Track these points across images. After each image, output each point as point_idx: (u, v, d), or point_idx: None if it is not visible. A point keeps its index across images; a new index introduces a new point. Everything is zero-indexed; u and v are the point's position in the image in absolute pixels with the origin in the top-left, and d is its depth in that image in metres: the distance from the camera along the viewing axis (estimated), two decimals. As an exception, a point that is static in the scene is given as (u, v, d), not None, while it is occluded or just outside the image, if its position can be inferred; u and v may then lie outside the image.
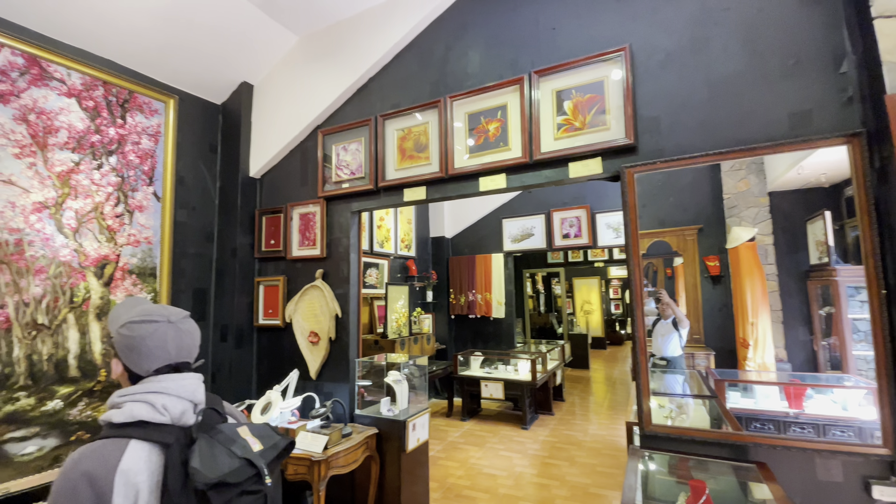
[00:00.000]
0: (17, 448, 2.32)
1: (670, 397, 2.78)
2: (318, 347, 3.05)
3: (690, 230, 3.53)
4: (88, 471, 0.79)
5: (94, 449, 0.83)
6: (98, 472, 0.79)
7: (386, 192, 2.89)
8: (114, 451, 0.82)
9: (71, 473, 0.79)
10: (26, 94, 2.44)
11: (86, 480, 0.78)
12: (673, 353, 3.14)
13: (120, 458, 0.81)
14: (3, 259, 2.32)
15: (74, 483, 0.78)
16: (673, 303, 3.27)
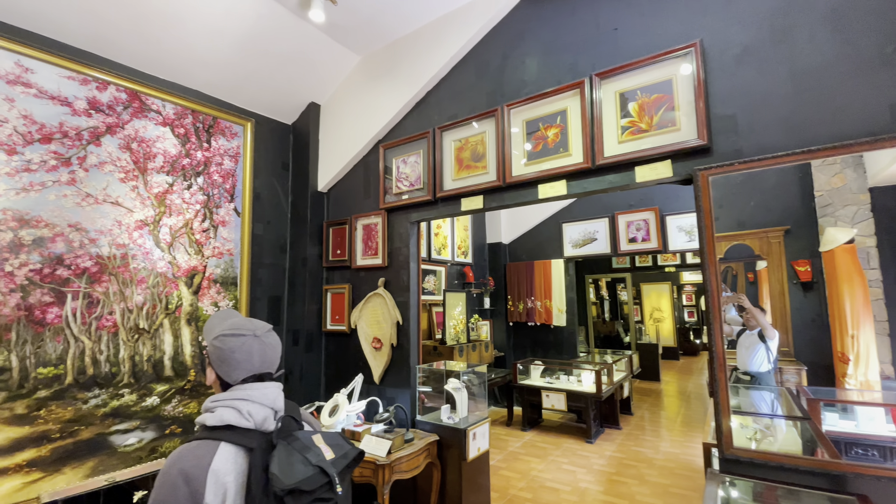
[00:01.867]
0: (120, 439, 2.63)
1: (755, 417, 2.54)
2: (381, 353, 3.15)
3: (775, 232, 3.22)
4: (185, 469, 0.87)
5: (191, 449, 0.91)
6: (193, 471, 0.87)
7: (443, 202, 2.93)
8: (207, 452, 0.90)
9: (171, 470, 0.88)
10: (129, 126, 2.77)
11: (182, 478, 0.86)
12: (759, 368, 2.87)
13: (212, 458, 0.89)
14: (112, 271, 2.64)
15: (174, 479, 0.87)
16: (758, 311, 2.98)
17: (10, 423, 2.24)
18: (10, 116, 2.31)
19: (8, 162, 2.29)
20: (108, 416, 2.58)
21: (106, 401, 2.58)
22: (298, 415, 1.11)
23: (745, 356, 2.92)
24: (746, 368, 2.90)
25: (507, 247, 6.47)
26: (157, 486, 0.88)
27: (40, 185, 2.38)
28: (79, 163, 2.53)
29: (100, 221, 2.60)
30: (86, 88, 2.59)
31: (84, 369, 2.50)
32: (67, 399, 2.44)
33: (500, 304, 6.29)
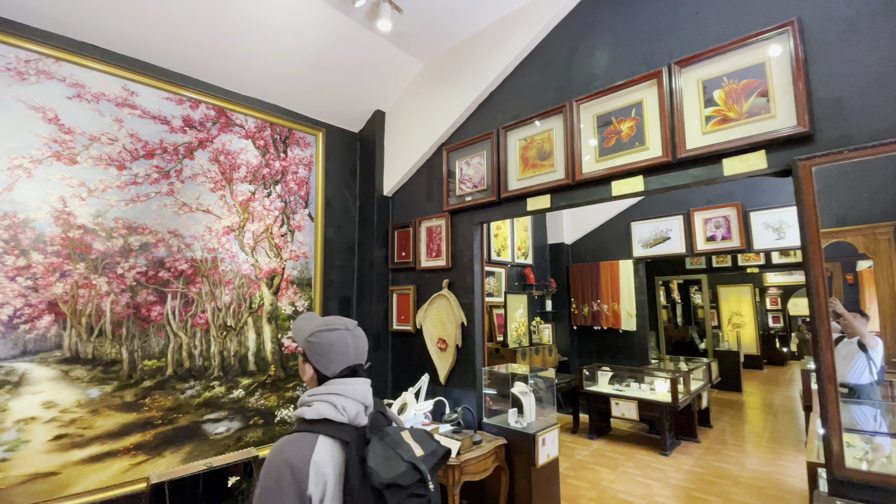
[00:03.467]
0: (211, 428, 2.86)
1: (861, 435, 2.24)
2: (446, 354, 3.17)
3: (885, 227, 2.84)
4: (289, 459, 0.92)
5: (293, 441, 0.97)
6: (296, 462, 0.92)
7: (508, 202, 2.90)
8: (308, 444, 0.95)
9: (276, 460, 0.94)
10: (217, 140, 3.02)
11: (287, 468, 0.91)
12: (859, 380, 2.54)
13: (312, 450, 0.94)
14: (204, 273, 2.89)
15: (279, 469, 0.92)
16: (858, 317, 2.64)
17: (121, 409, 2.52)
18: (119, 135, 2.60)
19: (119, 176, 2.58)
20: (201, 406, 2.82)
21: (199, 392, 2.82)
22: (386, 411, 1.14)
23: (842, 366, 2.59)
24: (844, 380, 2.58)
25: (570, 247, 6.27)
26: (264, 475, 0.94)
27: (145, 196, 2.66)
28: (176, 175, 2.80)
29: (193, 228, 2.85)
30: (181, 108, 2.86)
31: (181, 362, 2.76)
32: (168, 389, 2.69)
33: (563, 306, 6.11)
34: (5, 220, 2.21)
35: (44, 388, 2.29)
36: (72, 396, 2.36)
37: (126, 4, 2.43)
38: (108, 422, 2.46)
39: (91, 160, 2.48)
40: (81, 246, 2.43)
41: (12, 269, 2.22)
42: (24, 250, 2.26)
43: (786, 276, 10.44)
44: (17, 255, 2.24)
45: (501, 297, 5.23)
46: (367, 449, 0.94)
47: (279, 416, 3.18)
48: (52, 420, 2.29)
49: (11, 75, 2.27)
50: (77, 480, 2.33)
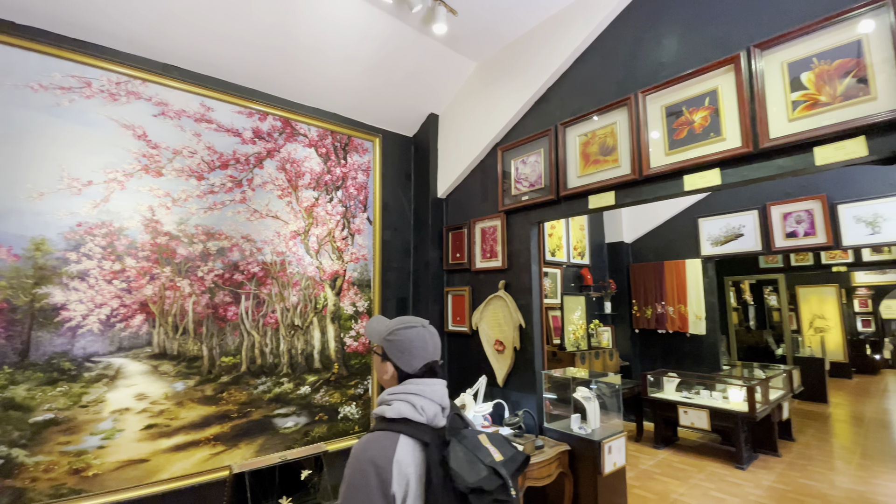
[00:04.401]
0: (281, 422, 3.00)
1: None
2: (504, 356, 3.13)
3: None
4: (373, 458, 0.94)
5: (376, 439, 0.98)
6: (380, 460, 0.93)
7: (568, 200, 2.82)
8: (390, 443, 0.96)
9: (361, 458, 0.95)
10: (284, 149, 3.18)
11: (372, 466, 0.93)
12: None
13: (394, 449, 0.94)
14: (274, 275, 3.05)
15: (364, 466, 0.93)
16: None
17: (202, 402, 2.71)
18: (198, 148, 2.81)
19: (198, 186, 2.78)
20: (272, 401, 2.97)
21: (270, 387, 2.97)
22: (462, 413, 1.14)
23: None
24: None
25: (630, 246, 6.00)
26: (349, 472, 0.96)
27: (221, 204, 2.85)
28: (248, 184, 2.97)
29: (264, 233, 3.02)
30: (251, 120, 3.04)
31: (254, 359, 2.92)
32: (242, 384, 2.86)
33: (624, 308, 5.86)
34: (103, 228, 2.45)
35: (136, 381, 2.51)
36: (160, 389, 2.57)
37: (203, 27, 2.62)
38: (191, 413, 2.66)
39: (174, 172, 2.70)
40: (167, 251, 2.64)
41: (109, 273, 2.46)
42: (119, 256, 2.49)
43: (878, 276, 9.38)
44: (114, 260, 2.47)
45: (557, 299, 5.10)
46: (447, 451, 0.93)
47: (342, 412, 3.29)
48: (143, 411, 2.51)
49: (105, 97, 2.52)
50: (164, 467, 2.53)
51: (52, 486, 2.21)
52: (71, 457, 2.27)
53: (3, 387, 2.15)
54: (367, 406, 3.44)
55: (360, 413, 3.39)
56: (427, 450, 0.95)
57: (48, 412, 2.24)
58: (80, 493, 2.28)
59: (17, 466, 2.14)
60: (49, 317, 2.28)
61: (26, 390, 2.20)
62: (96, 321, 2.40)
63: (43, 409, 2.23)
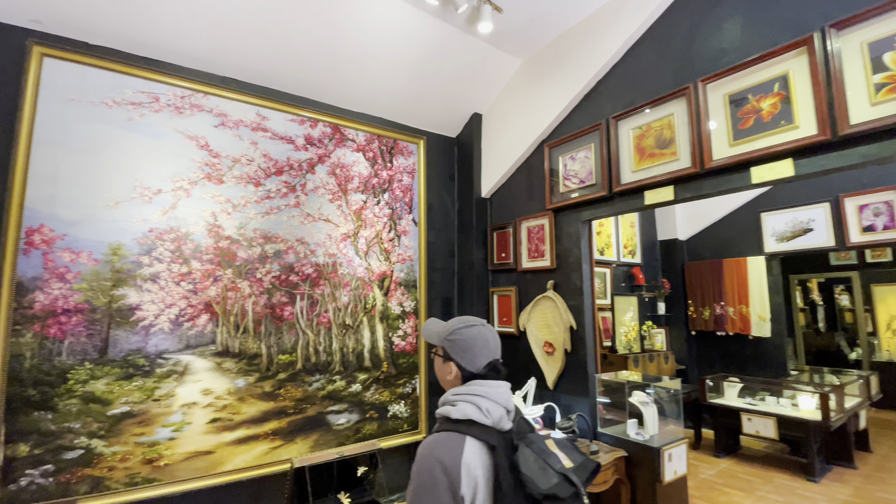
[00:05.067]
0: (334, 419, 3.08)
1: None
2: (554, 358, 3.06)
3: None
4: (441, 459, 0.93)
5: (442, 440, 0.97)
6: (448, 462, 0.92)
7: (621, 196, 2.71)
8: (457, 445, 0.94)
9: (428, 458, 0.95)
10: (333, 154, 3.27)
11: (440, 467, 0.92)
12: None
13: (462, 451, 0.93)
14: (326, 276, 3.14)
15: (432, 467, 0.93)
16: None
17: (261, 398, 2.83)
18: (255, 156, 2.94)
19: (255, 192, 2.91)
20: (325, 398, 3.06)
21: (324, 385, 3.06)
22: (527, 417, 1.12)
23: None
24: None
25: (685, 244, 5.71)
26: (417, 473, 0.95)
27: (277, 208, 2.97)
28: (301, 189, 3.08)
29: (316, 236, 3.12)
30: (303, 128, 3.14)
31: (309, 357, 3.02)
32: (298, 381, 2.97)
33: (678, 309, 5.58)
34: (171, 233, 2.62)
35: (202, 377, 2.66)
36: (223, 385, 2.71)
37: (259, 40, 2.75)
38: (252, 409, 2.78)
39: (234, 179, 2.84)
40: (229, 254, 2.79)
41: (177, 275, 2.62)
42: (185, 259, 2.65)
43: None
44: (181, 263, 2.63)
45: (607, 299, 4.93)
46: (516, 455, 0.91)
47: (391, 410, 3.34)
48: (208, 405, 2.65)
49: (171, 110, 2.69)
50: (227, 460, 2.66)
51: (127, 475, 2.38)
52: (144, 447, 2.44)
53: (84, 381, 2.33)
54: (415, 405, 3.47)
55: (408, 412, 3.42)
56: (494, 453, 0.93)
57: (124, 405, 2.42)
58: (152, 483, 2.43)
59: (96, 456, 2.32)
60: (125, 316, 2.46)
61: (105, 385, 2.38)
62: (166, 320, 2.56)
63: (120, 403, 2.41)
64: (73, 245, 2.35)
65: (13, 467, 2.14)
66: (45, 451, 2.21)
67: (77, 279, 2.35)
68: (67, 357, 2.30)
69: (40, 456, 2.20)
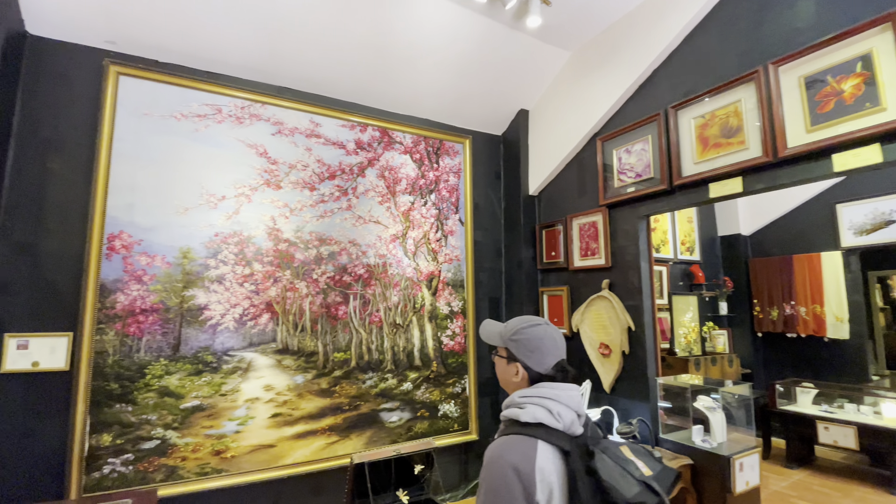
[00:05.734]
0: (386, 416, 3.13)
1: None
2: (610, 360, 2.96)
3: None
4: (515, 464, 0.89)
5: (513, 444, 0.93)
6: (522, 467, 0.88)
7: (683, 190, 2.57)
8: (529, 449, 0.91)
9: (500, 462, 0.91)
10: (382, 158, 3.33)
11: (514, 472, 0.88)
12: None
13: (535, 456, 0.90)
14: (377, 276, 3.20)
15: (505, 472, 0.89)
16: None
17: (318, 395, 2.92)
18: (309, 162, 3.04)
19: (311, 196, 3.01)
20: (378, 396, 3.12)
21: (376, 382, 3.12)
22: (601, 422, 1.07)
23: None
24: None
25: (749, 239, 5.35)
26: (488, 478, 0.91)
27: (330, 212, 3.06)
28: (352, 192, 3.16)
29: (367, 237, 3.18)
30: (353, 132, 3.22)
31: (362, 355, 3.09)
32: (352, 379, 3.04)
33: (742, 309, 5.23)
34: (235, 237, 2.76)
35: (264, 373, 2.78)
36: (283, 381, 2.82)
37: (312, 48, 2.84)
38: (310, 405, 2.88)
39: (291, 184, 2.95)
40: (287, 256, 2.90)
41: (241, 277, 2.75)
42: (248, 261, 2.78)
43: None
44: (244, 265, 2.77)
45: (664, 299, 4.70)
46: (593, 461, 0.87)
47: (442, 410, 3.35)
48: (270, 401, 2.77)
49: (233, 121, 2.83)
50: (288, 454, 2.77)
51: (198, 464, 2.53)
52: (213, 439, 2.58)
53: (160, 376, 2.50)
54: (464, 405, 3.46)
55: (458, 411, 3.42)
56: (568, 459, 0.89)
57: (195, 399, 2.57)
58: (220, 472, 2.57)
59: (171, 447, 2.48)
60: (195, 316, 2.62)
61: (178, 380, 2.54)
62: (231, 319, 2.70)
63: (191, 397, 2.56)
64: (148, 249, 2.52)
65: (97, 456, 2.32)
66: (126, 441, 2.39)
67: (153, 281, 2.52)
68: (145, 353, 2.48)
69: (121, 446, 2.38)
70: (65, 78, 2.47)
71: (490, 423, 3.59)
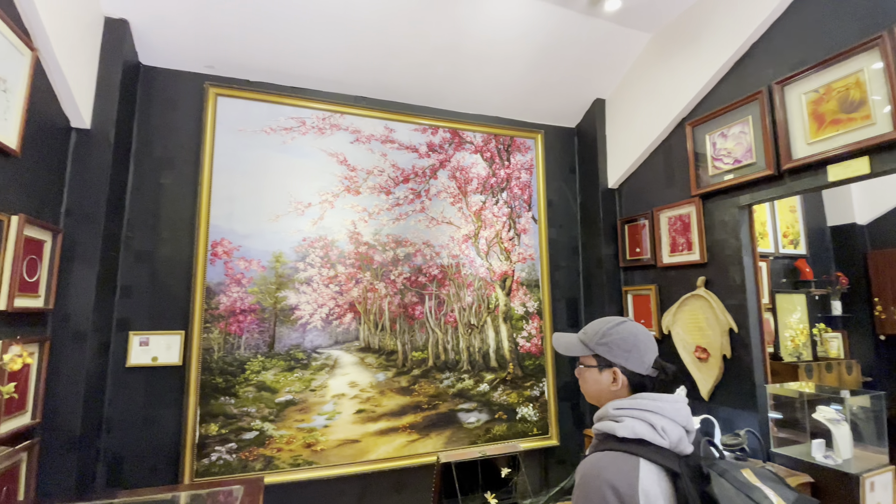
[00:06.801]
0: (464, 417, 3.12)
1: None
2: (709, 365, 2.71)
3: None
4: (612, 482, 0.81)
5: (611, 461, 0.85)
6: (621, 486, 0.80)
7: (793, 174, 2.29)
8: (630, 468, 0.82)
9: (596, 481, 0.83)
10: (453, 159, 3.34)
11: (612, 492, 0.80)
12: None
13: (637, 476, 0.81)
14: (451, 277, 3.21)
15: (603, 493, 0.81)
16: None
17: (398, 393, 2.98)
18: (385, 167, 3.12)
19: (387, 200, 3.09)
20: (455, 396, 3.12)
21: (453, 383, 3.13)
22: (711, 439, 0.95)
23: None
24: None
25: (866, 229, 4.67)
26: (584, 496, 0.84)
27: (405, 214, 3.13)
28: (425, 194, 3.20)
29: (440, 238, 3.21)
30: (425, 136, 3.26)
31: (439, 355, 3.12)
32: (430, 378, 3.07)
33: (861, 309, 4.57)
34: (320, 241, 2.90)
35: (348, 371, 2.89)
36: (366, 379, 2.92)
37: (386, 58, 2.91)
38: (391, 402, 2.95)
39: (368, 189, 3.05)
40: (367, 258, 3.00)
41: (326, 279, 2.89)
42: (332, 264, 2.92)
43: None
44: (329, 267, 2.90)
45: (765, 298, 4.24)
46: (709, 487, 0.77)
47: (520, 413, 3.27)
48: (354, 397, 2.87)
49: (315, 132, 2.98)
50: (372, 449, 2.86)
51: (291, 456, 2.68)
52: (304, 433, 2.72)
53: (257, 371, 2.69)
54: (543, 409, 3.36)
55: (537, 415, 3.33)
56: (679, 481, 0.80)
57: (288, 394, 2.73)
58: (311, 465, 2.71)
59: (268, 438, 2.65)
60: (286, 315, 2.79)
61: (273, 375, 2.72)
62: (319, 319, 2.85)
63: (284, 391, 2.73)
64: (246, 255, 2.73)
65: (205, 444, 2.55)
66: (230, 430, 2.59)
67: (250, 284, 2.73)
68: (244, 350, 2.68)
69: (226, 435, 2.58)
70: (172, 102, 2.75)
71: (571, 428, 3.45)
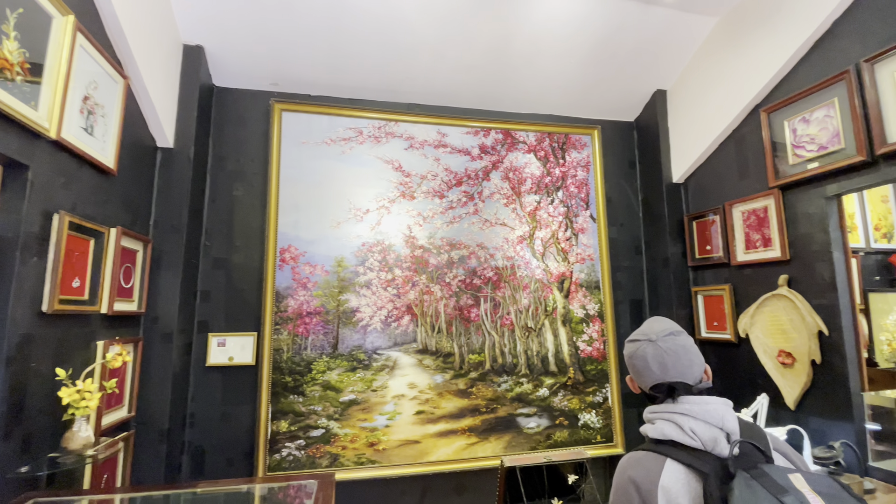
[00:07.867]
0: (524, 422, 3.07)
1: None
2: (794, 371, 2.47)
3: None
4: (634, 478, 0.87)
5: (638, 458, 0.91)
6: (643, 483, 0.85)
7: (889, 160, 2.05)
8: (654, 466, 0.86)
9: (621, 477, 0.90)
10: (506, 160, 3.31)
11: (633, 486, 0.86)
12: None
13: (659, 473, 0.84)
14: (506, 279, 3.18)
15: (625, 487, 0.87)
16: None
17: (456, 395, 2.99)
18: (438, 171, 3.16)
19: (440, 204, 3.13)
20: (514, 400, 3.08)
21: (511, 386, 3.09)
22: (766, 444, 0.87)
23: None
24: None
25: None
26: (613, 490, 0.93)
27: (459, 217, 3.15)
28: (478, 196, 3.20)
29: (494, 240, 3.19)
30: (476, 138, 3.27)
31: (496, 358, 3.09)
32: (487, 381, 3.06)
33: (981, 309, 3.98)
34: (378, 246, 2.99)
35: (407, 372, 2.94)
36: (424, 380, 2.96)
37: (438, 63, 2.96)
38: (449, 405, 2.96)
39: (423, 194, 3.11)
40: (422, 262, 3.05)
41: (384, 282, 2.97)
42: (390, 267, 2.99)
43: None
44: (387, 271, 2.98)
45: (856, 297, 3.81)
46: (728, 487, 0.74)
47: (582, 419, 3.17)
48: (413, 398, 2.92)
49: (371, 140, 3.09)
50: (432, 451, 2.88)
51: (355, 454, 2.77)
52: (367, 432, 2.80)
53: (323, 371, 2.81)
54: (607, 416, 3.22)
55: (601, 422, 3.20)
56: (707, 482, 0.78)
57: (351, 393, 2.83)
58: (374, 464, 2.78)
59: (333, 436, 2.76)
60: (348, 317, 2.89)
61: (337, 375, 2.83)
62: (378, 321, 2.93)
63: (348, 391, 2.83)
64: (311, 260, 2.88)
65: (277, 440, 2.69)
66: (298, 428, 2.73)
67: (315, 287, 2.86)
68: (311, 351, 2.82)
69: (295, 432, 2.72)
70: (242, 119, 2.96)
71: (637, 436, 3.29)
